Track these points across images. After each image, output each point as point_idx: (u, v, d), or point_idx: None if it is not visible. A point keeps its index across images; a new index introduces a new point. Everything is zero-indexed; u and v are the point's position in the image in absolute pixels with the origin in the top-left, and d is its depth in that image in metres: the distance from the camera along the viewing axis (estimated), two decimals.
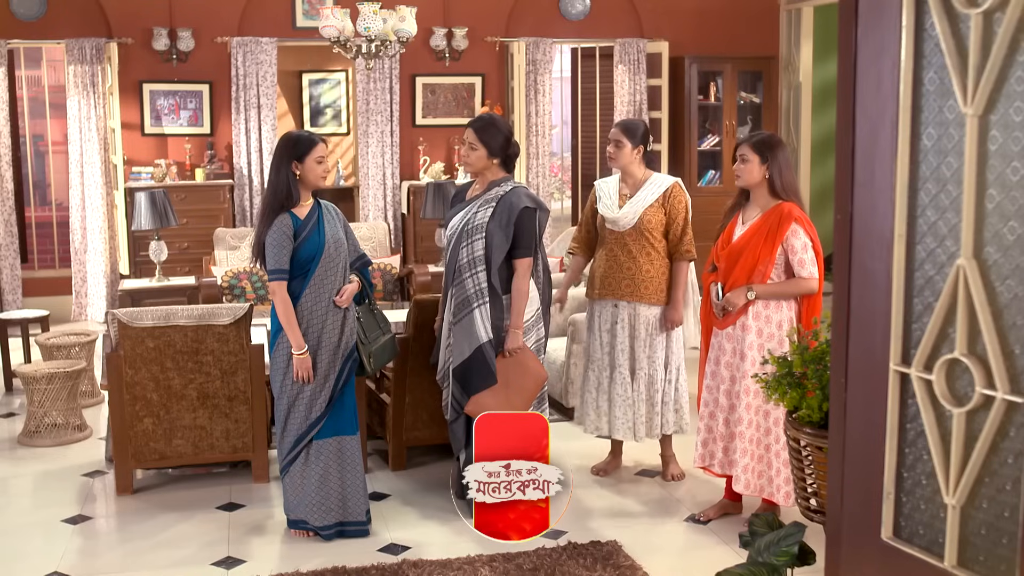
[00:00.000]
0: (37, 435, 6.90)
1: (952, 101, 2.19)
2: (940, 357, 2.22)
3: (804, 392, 3.41)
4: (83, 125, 10.69)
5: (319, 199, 5.38)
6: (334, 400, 5.29)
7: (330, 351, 5.24)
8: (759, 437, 5.29)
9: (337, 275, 5.25)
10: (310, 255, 5.18)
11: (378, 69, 11.13)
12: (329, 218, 5.31)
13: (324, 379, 5.25)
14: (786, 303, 5.30)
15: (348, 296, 5.28)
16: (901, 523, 2.35)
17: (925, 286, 2.27)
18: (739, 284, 5.29)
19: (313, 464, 5.28)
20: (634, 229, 5.88)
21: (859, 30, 2.36)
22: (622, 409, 5.99)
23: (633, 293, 5.90)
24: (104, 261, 10.79)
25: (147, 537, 5.46)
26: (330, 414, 5.28)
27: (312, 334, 5.20)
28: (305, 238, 5.18)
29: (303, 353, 5.16)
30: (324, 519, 5.29)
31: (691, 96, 11.85)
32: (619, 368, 5.97)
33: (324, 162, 5.26)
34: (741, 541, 3.57)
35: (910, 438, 2.33)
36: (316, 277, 5.19)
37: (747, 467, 5.28)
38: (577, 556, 5.11)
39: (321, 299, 5.21)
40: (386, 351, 5.56)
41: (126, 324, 5.78)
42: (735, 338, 5.35)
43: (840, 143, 2.44)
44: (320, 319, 5.21)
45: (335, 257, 5.23)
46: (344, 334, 5.29)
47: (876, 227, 2.35)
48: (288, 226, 5.15)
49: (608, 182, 6.09)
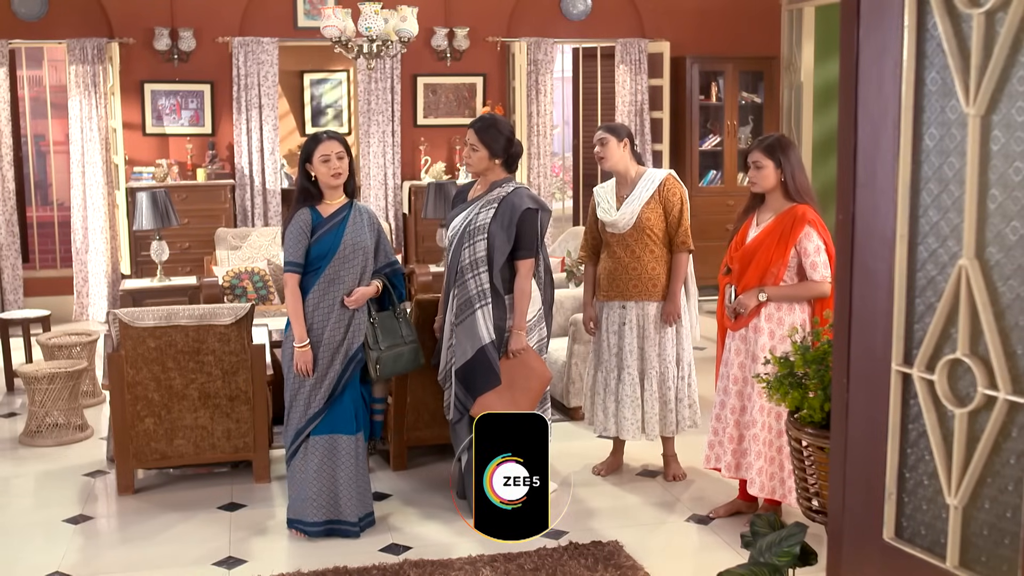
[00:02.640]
0: (38, 435, 6.90)
1: (954, 101, 2.19)
2: (942, 357, 2.22)
3: (806, 392, 3.41)
4: (84, 125, 10.68)
5: (355, 201, 5.44)
6: (333, 398, 5.30)
7: (331, 349, 5.27)
8: (771, 439, 5.26)
9: (351, 277, 5.29)
10: (322, 253, 5.24)
11: (379, 69, 11.13)
12: (356, 221, 5.34)
13: (323, 375, 5.28)
14: (799, 306, 5.28)
15: (359, 298, 5.31)
16: (903, 524, 2.35)
17: (927, 286, 2.27)
18: (752, 286, 5.28)
19: (309, 459, 5.31)
20: (634, 229, 5.88)
21: (861, 30, 2.36)
22: (630, 409, 5.98)
23: (641, 293, 5.90)
24: (105, 261, 10.78)
25: (148, 537, 5.46)
26: (328, 411, 5.30)
27: (316, 329, 5.26)
28: (322, 235, 5.25)
29: (303, 346, 5.24)
30: (314, 515, 5.30)
31: (692, 96, 11.84)
32: (627, 369, 5.97)
33: (330, 160, 5.25)
34: (743, 541, 3.56)
35: (912, 438, 2.32)
36: (326, 275, 5.25)
37: (761, 470, 5.25)
38: (578, 556, 5.10)
39: (328, 297, 5.26)
40: (400, 361, 5.53)
41: (127, 324, 5.78)
42: (748, 340, 5.34)
43: (842, 143, 2.44)
44: (324, 316, 5.26)
45: (350, 259, 5.28)
46: (349, 335, 5.31)
47: (878, 227, 2.35)
48: (305, 221, 5.25)
49: (605, 187, 6.11)
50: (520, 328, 5.46)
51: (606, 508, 5.79)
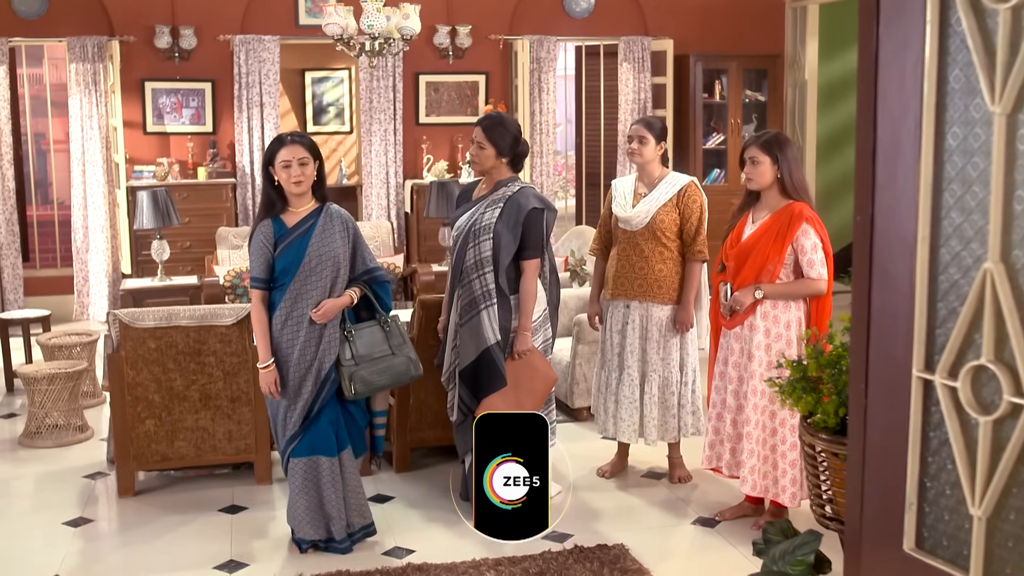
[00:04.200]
0: (38, 436, 6.84)
1: (979, 99, 2.12)
2: (966, 364, 2.15)
3: (819, 397, 3.34)
4: (85, 123, 10.63)
5: (328, 205, 5.06)
6: (309, 419, 5.00)
7: (301, 369, 4.93)
8: (765, 438, 5.25)
9: (318, 291, 4.93)
10: (284, 267, 4.91)
11: (381, 67, 11.08)
12: (326, 228, 4.97)
13: (295, 396, 4.96)
14: (794, 304, 5.24)
15: (327, 311, 4.94)
16: (924, 534, 2.28)
17: (950, 290, 2.20)
18: (747, 284, 5.24)
19: (292, 480, 5.06)
20: (646, 229, 5.82)
21: (881, 25, 2.29)
22: (628, 411, 5.93)
23: (645, 293, 5.84)
24: (106, 260, 10.73)
25: (149, 540, 5.40)
26: (305, 434, 5.00)
27: (284, 349, 4.92)
28: (285, 248, 4.91)
29: (266, 366, 4.93)
30: (302, 532, 5.12)
31: (696, 94, 11.80)
32: (628, 370, 5.92)
33: (291, 167, 4.87)
34: (755, 549, 3.50)
35: (933, 447, 2.26)
36: (291, 290, 4.91)
37: (754, 468, 5.24)
38: (583, 560, 5.05)
39: (295, 314, 4.92)
40: (387, 375, 5.13)
41: (127, 325, 5.73)
42: (743, 338, 5.30)
43: (860, 143, 2.38)
44: (292, 335, 4.92)
45: (316, 271, 4.92)
46: (320, 353, 4.96)
47: (898, 229, 2.28)
48: (266, 235, 4.92)
49: (624, 181, 6.04)
50: (526, 329, 5.40)
51: (611, 510, 5.74)
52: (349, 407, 5.12)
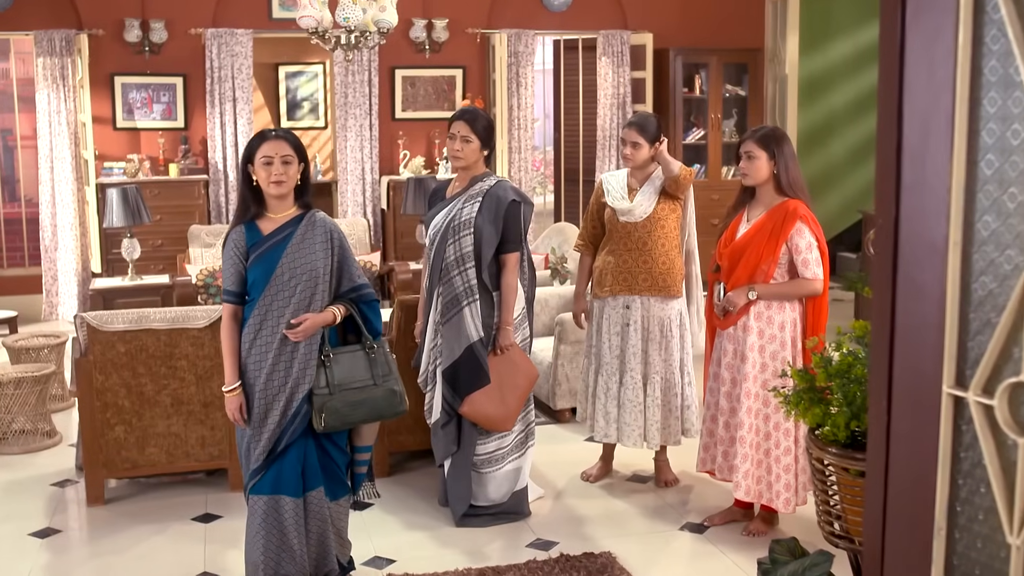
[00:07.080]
0: (4, 442, 6.66)
1: (1018, 93, 1.95)
2: (1003, 380, 1.98)
3: (828, 408, 3.18)
4: (53, 119, 10.46)
5: (312, 212, 4.44)
6: (276, 453, 4.35)
7: (268, 396, 4.30)
8: (759, 442, 5.16)
9: (292, 308, 4.30)
10: (254, 280, 4.33)
11: (356, 61, 10.94)
12: (306, 238, 4.36)
13: (259, 426, 4.33)
14: (789, 304, 5.14)
15: (307, 328, 4.30)
16: (954, 562, 2.12)
17: (985, 300, 2.03)
18: (741, 283, 5.14)
19: (252, 518, 4.41)
20: (649, 220, 5.69)
21: (907, 13, 2.12)
22: (632, 415, 5.77)
23: (652, 287, 5.70)
24: (75, 259, 10.58)
25: (119, 552, 5.23)
26: (269, 468, 4.35)
27: (251, 371, 4.32)
28: (258, 257, 4.32)
29: (232, 390, 4.34)
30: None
31: (676, 89, 11.71)
32: (631, 372, 5.76)
33: (272, 163, 4.28)
34: (760, 569, 3.34)
35: (965, 468, 2.09)
36: (260, 307, 4.30)
37: (748, 473, 5.16)
38: (570, 569, 4.91)
39: (263, 333, 4.31)
40: (363, 408, 4.43)
41: (96, 328, 5.55)
42: (736, 339, 5.20)
43: (882, 140, 2.21)
44: (260, 356, 4.31)
45: (287, 286, 4.30)
46: (293, 379, 4.32)
47: (926, 234, 2.11)
48: (238, 243, 4.35)
49: (615, 175, 5.90)
50: (508, 324, 5.33)
51: (597, 516, 5.60)
52: (324, 443, 4.48)
